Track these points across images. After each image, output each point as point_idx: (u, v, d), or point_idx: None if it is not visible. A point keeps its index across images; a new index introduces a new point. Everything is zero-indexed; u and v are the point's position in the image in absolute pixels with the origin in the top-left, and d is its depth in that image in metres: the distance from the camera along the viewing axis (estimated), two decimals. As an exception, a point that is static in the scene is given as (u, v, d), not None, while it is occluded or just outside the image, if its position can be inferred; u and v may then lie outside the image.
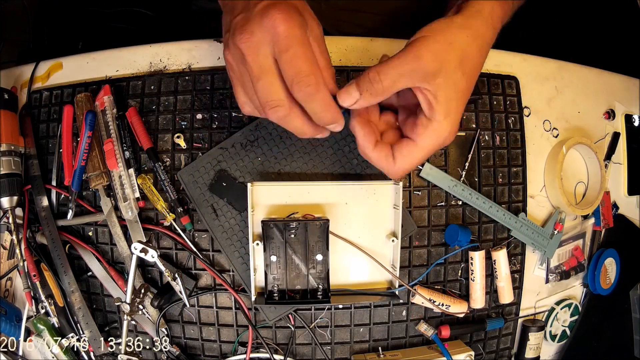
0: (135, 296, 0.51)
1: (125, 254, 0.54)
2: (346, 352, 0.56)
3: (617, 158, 0.66)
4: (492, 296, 0.58)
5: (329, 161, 0.54)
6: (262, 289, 0.51)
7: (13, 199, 0.54)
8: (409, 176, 0.56)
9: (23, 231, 0.54)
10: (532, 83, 0.62)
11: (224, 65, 0.55)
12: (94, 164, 0.53)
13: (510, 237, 0.58)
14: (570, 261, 0.63)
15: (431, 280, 0.57)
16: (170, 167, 0.54)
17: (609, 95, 0.67)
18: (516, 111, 0.59)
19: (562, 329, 0.63)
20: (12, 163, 0.54)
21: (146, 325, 0.55)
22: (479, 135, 0.58)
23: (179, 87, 0.55)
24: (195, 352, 0.56)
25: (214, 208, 0.53)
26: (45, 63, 0.59)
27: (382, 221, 0.53)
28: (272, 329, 0.55)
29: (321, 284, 0.50)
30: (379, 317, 0.56)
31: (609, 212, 0.65)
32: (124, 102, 0.56)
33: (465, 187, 0.56)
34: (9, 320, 0.54)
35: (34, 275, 0.53)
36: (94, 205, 0.55)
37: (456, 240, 0.54)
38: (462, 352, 0.54)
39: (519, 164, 0.59)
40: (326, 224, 0.48)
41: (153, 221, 0.55)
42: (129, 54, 0.57)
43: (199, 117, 0.55)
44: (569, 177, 0.63)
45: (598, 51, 0.85)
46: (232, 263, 0.53)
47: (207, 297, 0.55)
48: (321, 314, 0.55)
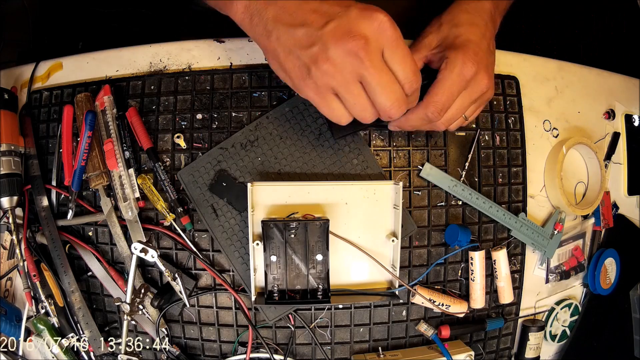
0: (135, 296, 0.51)
1: (125, 254, 0.54)
2: (346, 352, 0.56)
3: (617, 158, 0.66)
4: (492, 296, 0.58)
5: (329, 161, 0.54)
6: (262, 289, 0.51)
7: (13, 199, 0.54)
8: (409, 176, 0.56)
9: (23, 231, 0.54)
10: (532, 83, 0.62)
11: (224, 65, 0.56)
12: (94, 164, 0.53)
13: (510, 237, 0.58)
14: (570, 261, 0.63)
15: (431, 280, 0.57)
16: (170, 167, 0.54)
17: (609, 95, 0.67)
18: (516, 111, 0.59)
19: (562, 329, 0.63)
20: (12, 163, 0.54)
21: (146, 325, 0.55)
22: (479, 135, 0.58)
23: (179, 87, 0.56)
24: (195, 352, 0.56)
25: (214, 208, 0.53)
26: (45, 63, 0.59)
27: (382, 221, 0.53)
28: (272, 329, 0.55)
29: (321, 284, 0.50)
30: (379, 317, 0.56)
31: (609, 212, 0.65)
32: (124, 102, 0.56)
33: (465, 187, 0.56)
34: (9, 320, 0.54)
35: (34, 275, 0.53)
36: (94, 205, 0.55)
37: (456, 240, 0.54)
38: (462, 352, 0.54)
39: (519, 164, 0.59)
40: (326, 224, 0.48)
41: (153, 221, 0.55)
42: (129, 54, 0.57)
43: (199, 117, 0.55)
44: (569, 177, 0.63)
45: (598, 51, 0.85)
46: (232, 263, 0.53)
47: (207, 297, 0.55)
48: (321, 314, 0.55)
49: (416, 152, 0.56)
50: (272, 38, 0.41)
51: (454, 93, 0.45)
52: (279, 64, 0.42)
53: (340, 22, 0.38)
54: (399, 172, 0.56)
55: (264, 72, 0.55)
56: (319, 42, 0.38)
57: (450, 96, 0.45)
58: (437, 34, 0.49)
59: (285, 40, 0.40)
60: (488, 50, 0.47)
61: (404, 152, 0.56)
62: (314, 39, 0.38)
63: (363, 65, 0.38)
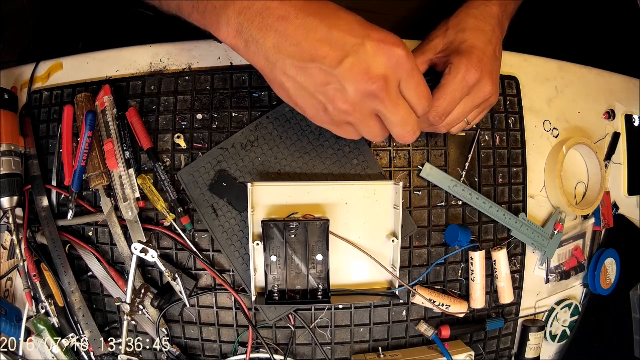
0: (135, 296, 0.51)
1: (125, 254, 0.54)
2: (346, 352, 0.56)
3: (617, 158, 0.66)
4: (492, 296, 0.58)
5: (329, 161, 0.54)
6: (262, 289, 0.51)
7: (13, 199, 0.54)
8: (409, 176, 0.56)
9: (23, 231, 0.54)
10: (532, 83, 0.62)
11: (224, 65, 0.56)
12: (94, 164, 0.53)
13: (510, 237, 0.58)
14: (570, 261, 0.63)
15: (431, 280, 0.57)
16: (170, 167, 0.54)
17: (609, 95, 0.67)
18: (516, 111, 0.59)
19: (562, 329, 0.63)
20: (12, 163, 0.54)
21: (146, 325, 0.55)
22: (479, 135, 0.58)
23: (179, 87, 0.55)
24: (195, 352, 0.56)
25: (214, 208, 0.53)
26: (45, 63, 0.59)
27: (382, 221, 0.53)
28: (272, 329, 0.55)
29: (321, 284, 0.50)
30: (379, 317, 0.56)
31: (609, 212, 0.65)
32: (124, 102, 0.56)
33: (465, 187, 0.56)
34: (9, 320, 0.54)
35: (34, 275, 0.53)
36: (94, 205, 0.55)
37: (456, 240, 0.54)
38: (462, 352, 0.54)
39: (519, 164, 0.59)
40: (326, 224, 0.48)
41: (153, 221, 0.55)
42: (129, 54, 0.57)
43: (199, 117, 0.55)
44: (569, 177, 0.63)
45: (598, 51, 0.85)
46: (232, 263, 0.53)
47: (207, 297, 0.55)
48: (321, 314, 0.55)
49: (416, 152, 0.56)
50: (277, 71, 0.38)
51: (456, 99, 0.45)
52: (288, 97, 0.40)
53: (357, 59, 0.35)
54: (399, 172, 0.56)
55: (264, 72, 0.55)
56: (335, 82, 0.36)
57: (452, 102, 0.45)
58: (443, 37, 0.49)
59: (294, 76, 0.37)
60: (493, 56, 0.47)
61: (404, 152, 0.56)
62: (328, 78, 0.36)
63: (383, 104, 0.38)
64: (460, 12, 0.50)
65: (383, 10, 0.68)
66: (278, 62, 0.37)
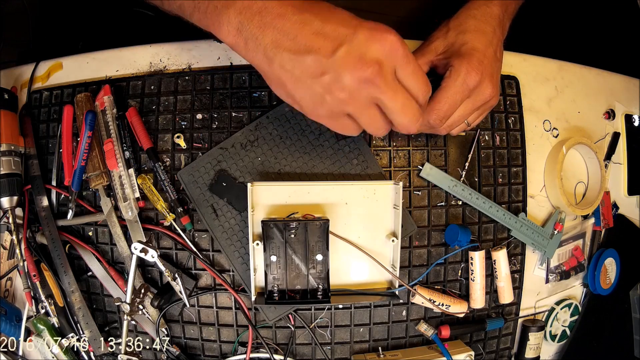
0: (135, 296, 0.51)
1: (125, 254, 0.54)
2: (346, 352, 0.56)
3: (617, 158, 0.66)
4: (492, 296, 0.58)
5: (329, 161, 0.54)
6: (262, 289, 0.51)
7: (13, 199, 0.54)
8: (409, 176, 0.56)
9: (23, 231, 0.54)
10: (532, 83, 0.62)
11: (224, 65, 0.56)
12: (94, 164, 0.53)
13: (510, 237, 0.58)
14: (570, 261, 0.63)
15: (431, 280, 0.57)
16: (170, 167, 0.54)
17: (609, 95, 0.67)
18: (516, 111, 0.59)
19: (562, 329, 0.63)
20: (12, 163, 0.54)
21: (146, 325, 0.55)
22: (479, 135, 0.58)
23: (179, 87, 0.55)
24: (195, 352, 0.56)
25: (214, 208, 0.53)
26: (45, 63, 0.59)
27: (382, 221, 0.53)
28: (272, 329, 0.55)
29: (321, 284, 0.50)
30: (379, 317, 0.56)
31: (609, 212, 0.65)
32: (124, 102, 0.56)
33: (465, 187, 0.56)
34: (9, 320, 0.54)
35: (34, 275, 0.53)
36: (94, 205, 0.55)
37: (456, 240, 0.54)
38: (462, 352, 0.54)
39: (519, 164, 0.59)
40: (326, 224, 0.48)
41: (153, 221, 0.55)
42: (129, 54, 0.57)
43: (199, 117, 0.55)
44: (569, 177, 0.63)
45: (598, 51, 0.85)
46: (232, 263, 0.53)
47: (207, 297, 0.55)
48: (321, 314, 0.55)
49: (416, 152, 0.56)
50: (275, 66, 0.38)
51: (457, 102, 0.45)
52: (286, 92, 0.41)
53: (351, 47, 0.36)
54: (399, 172, 0.56)
55: (264, 72, 0.55)
56: (331, 71, 0.37)
57: (452, 104, 0.45)
58: (444, 39, 0.49)
59: (291, 69, 0.38)
60: (494, 58, 0.47)
61: (404, 152, 0.56)
62: (324, 68, 0.37)
63: (380, 90, 0.38)
64: (461, 13, 0.49)
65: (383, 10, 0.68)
66: (276, 56, 0.38)
